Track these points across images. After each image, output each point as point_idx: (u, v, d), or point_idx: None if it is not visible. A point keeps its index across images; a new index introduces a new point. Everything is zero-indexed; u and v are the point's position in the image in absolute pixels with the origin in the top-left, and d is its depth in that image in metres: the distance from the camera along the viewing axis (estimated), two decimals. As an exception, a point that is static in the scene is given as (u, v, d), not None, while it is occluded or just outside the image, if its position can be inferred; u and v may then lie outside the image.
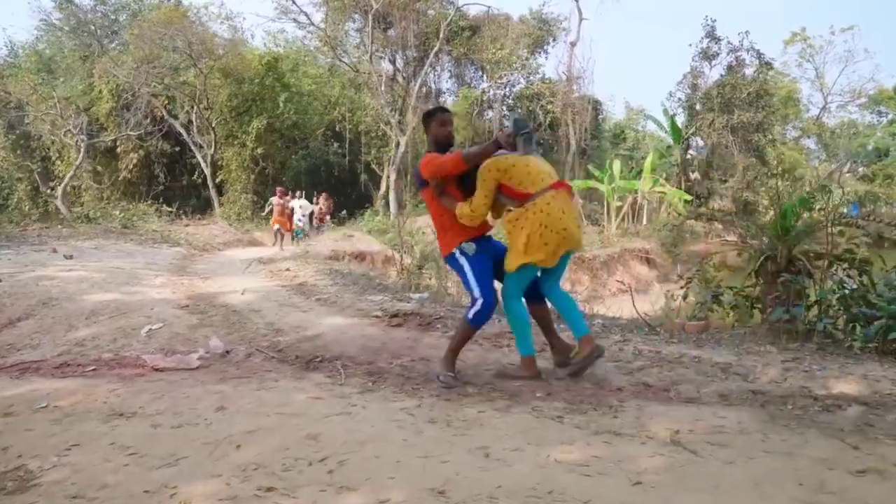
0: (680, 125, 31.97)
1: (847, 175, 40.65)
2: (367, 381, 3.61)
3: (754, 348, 4.26)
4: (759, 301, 5.71)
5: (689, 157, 33.66)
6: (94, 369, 4.06)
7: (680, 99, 33.52)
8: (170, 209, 18.16)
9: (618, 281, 21.85)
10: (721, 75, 29.49)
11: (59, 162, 25.36)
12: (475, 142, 28.62)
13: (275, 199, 15.61)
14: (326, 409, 3.11)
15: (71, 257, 8.18)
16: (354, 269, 9.52)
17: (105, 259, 8.38)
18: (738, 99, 27.58)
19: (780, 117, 33.59)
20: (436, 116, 3.79)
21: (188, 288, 6.69)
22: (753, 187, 27.90)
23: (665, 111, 32.99)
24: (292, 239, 15.17)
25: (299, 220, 15.90)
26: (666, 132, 33.45)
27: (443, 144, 3.71)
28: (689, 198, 28.19)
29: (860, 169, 43.99)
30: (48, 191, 23.02)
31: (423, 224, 19.21)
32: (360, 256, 14.66)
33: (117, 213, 14.90)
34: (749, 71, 28.83)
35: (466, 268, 3.57)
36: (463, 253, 3.57)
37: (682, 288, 6.30)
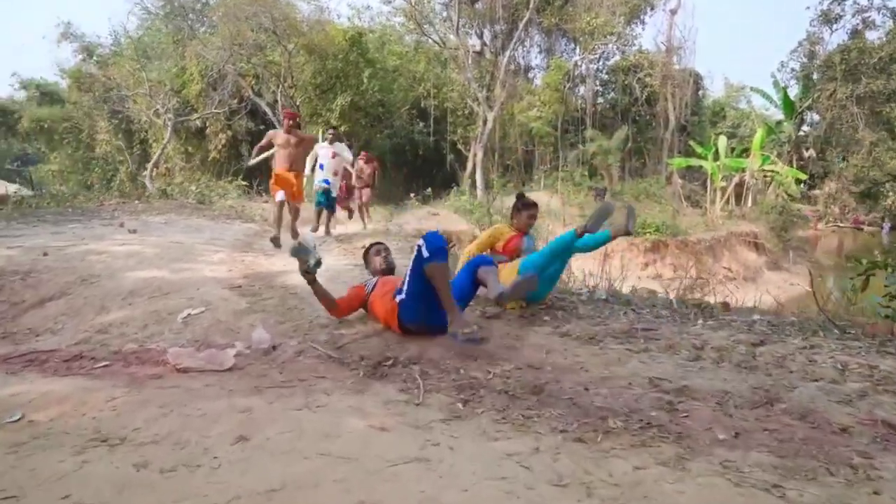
0: (792, 98, 29.09)
1: None
2: (455, 400, 2.51)
3: None
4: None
5: (802, 132, 30.71)
6: (105, 365, 3.17)
7: (793, 69, 30.61)
8: (248, 185, 17.78)
9: (724, 267, 19.90)
10: (843, 40, 26.44)
11: (154, 144, 25.77)
12: (565, 119, 27.01)
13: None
14: (393, 450, 2.04)
15: (134, 231, 7.54)
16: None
17: (169, 234, 7.69)
18: (865, 65, 24.61)
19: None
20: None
21: (247, 266, 5.80)
22: (881, 165, 24.89)
23: (776, 83, 30.18)
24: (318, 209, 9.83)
25: (324, 182, 9.15)
26: (776, 106, 30.64)
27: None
28: (803, 176, 25.55)
29: None
30: (144, 172, 23.44)
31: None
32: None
33: (193, 188, 14.49)
34: (875, 34, 25.66)
35: None
36: None
37: (859, 275, 4.82)
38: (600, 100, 29.37)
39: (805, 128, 30.95)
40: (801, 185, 26.48)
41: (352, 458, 1.99)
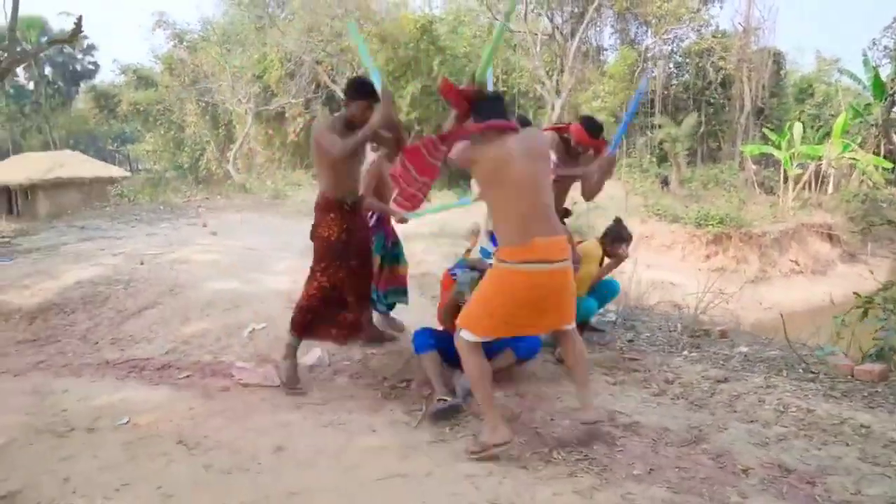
0: (884, 79, 27.60)
1: None
2: (445, 425, 3.21)
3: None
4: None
5: (893, 116, 29.12)
6: (187, 376, 4.05)
7: (887, 47, 28.94)
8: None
9: (791, 260, 19.57)
10: (944, 17, 24.84)
11: (238, 127, 27.39)
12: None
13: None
14: (385, 466, 2.77)
15: (215, 234, 8.57)
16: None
17: (245, 236, 8.67)
18: (963, 46, 23.11)
19: None
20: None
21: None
22: None
23: (866, 61, 28.59)
24: None
25: None
26: (864, 88, 29.12)
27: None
28: (889, 165, 24.41)
29: None
30: (228, 155, 25.16)
31: (576, 193, 18.35)
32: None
33: (269, 183, 15.57)
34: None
35: None
36: None
37: (859, 307, 5.14)
38: (673, 82, 28.83)
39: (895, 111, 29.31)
40: (890, 173, 25.27)
41: (352, 469, 2.73)
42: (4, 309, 5.78)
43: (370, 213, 4.32)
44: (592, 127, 4.08)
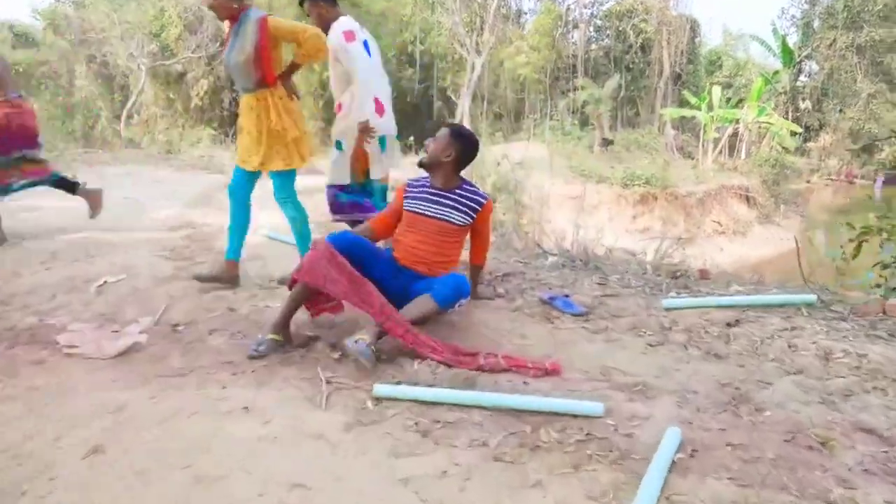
0: (791, 47, 28.21)
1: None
2: (365, 399, 2.13)
3: None
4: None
5: (799, 83, 29.93)
6: (-11, 345, 2.78)
7: (794, 16, 29.65)
8: (222, 133, 17.12)
9: (714, 221, 19.55)
10: (848, -14, 25.47)
11: (134, 91, 24.90)
12: (556, 66, 26.18)
13: None
14: (271, 473, 1.66)
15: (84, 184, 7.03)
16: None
17: (126, 188, 7.22)
18: (868, 13, 23.72)
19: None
20: None
21: (192, 225, 5.36)
22: (877, 118, 24.29)
23: (775, 31, 29.19)
24: None
25: None
26: (774, 55, 29.74)
27: None
28: (798, 130, 24.97)
29: None
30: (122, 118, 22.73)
31: (499, 154, 17.47)
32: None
33: (160, 136, 13.81)
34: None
35: None
36: None
37: (851, 240, 4.41)
38: (593, 46, 28.44)
39: (803, 78, 30.17)
40: (797, 138, 25.90)
41: (218, 482, 1.62)
42: None
43: None
44: None
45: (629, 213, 17.99)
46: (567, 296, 3.17)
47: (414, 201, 2.94)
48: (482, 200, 2.98)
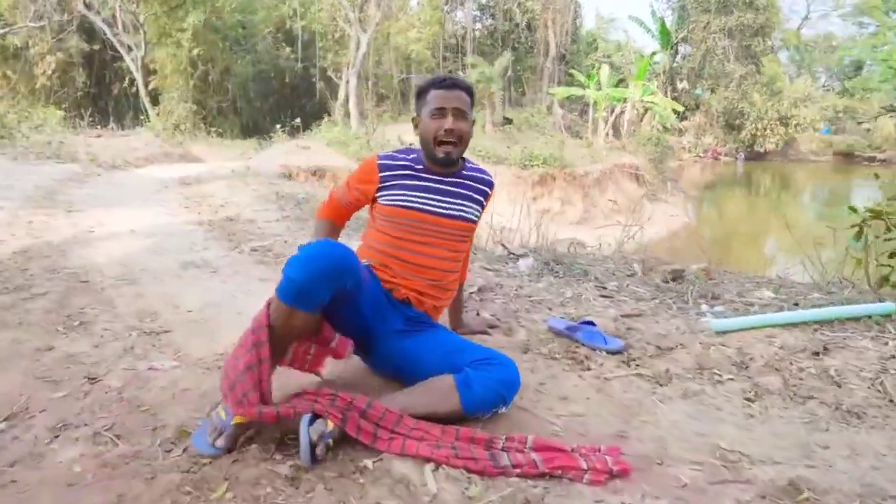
0: (669, 27, 29.14)
1: (823, 90, 38.65)
2: None
3: None
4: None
5: (676, 64, 31.04)
6: None
7: (670, 0, 30.62)
8: (76, 116, 14.91)
9: (610, 200, 19.62)
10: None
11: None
12: (446, 45, 25.43)
13: None
14: None
15: None
16: (313, 192, 6.88)
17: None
18: (738, -1, 24.77)
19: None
20: None
21: (34, 232, 4.00)
22: (751, 98, 25.54)
23: (653, 13, 30.05)
24: None
25: None
26: (654, 37, 30.64)
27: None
28: (680, 108, 25.80)
29: (836, 83, 42.16)
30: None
31: (394, 135, 16.44)
32: (318, 173, 11.91)
33: (-7, 118, 11.59)
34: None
35: None
36: None
37: (853, 226, 3.85)
38: (478, 25, 27.97)
39: (679, 59, 31.32)
40: (678, 117, 26.82)
41: None
42: None
43: None
44: None
45: (529, 194, 17.58)
46: (590, 322, 2.30)
47: (403, 192, 1.93)
48: (490, 180, 2.05)
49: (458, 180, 1.97)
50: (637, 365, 2.06)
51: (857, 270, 3.43)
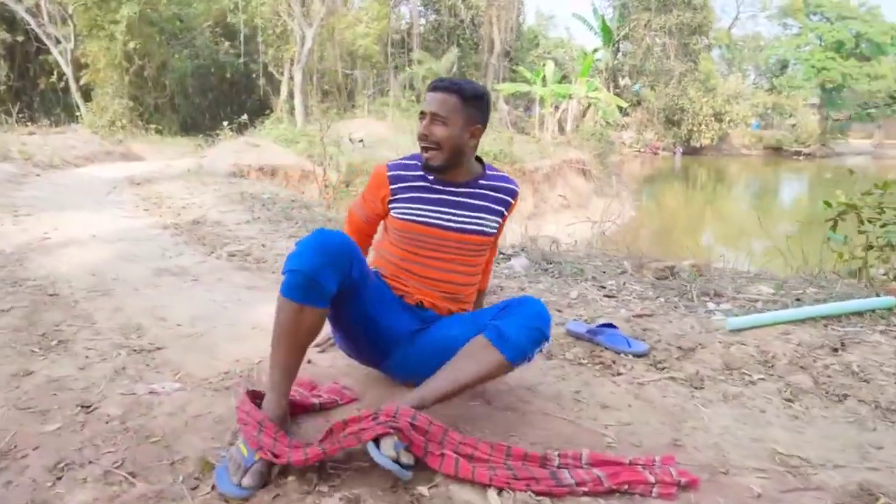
0: (609, 24, 29.69)
1: (753, 87, 40.32)
2: None
3: None
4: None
5: (617, 61, 31.67)
6: None
7: (611, -5, 31.22)
8: (1, 112, 14.07)
9: (560, 195, 19.86)
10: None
11: None
12: (392, 41, 25.19)
13: None
14: None
15: None
16: (276, 192, 6.65)
17: None
18: (677, -3, 25.43)
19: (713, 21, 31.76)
20: None
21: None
22: (689, 95, 26.30)
23: (595, 11, 30.57)
24: None
25: None
26: (596, 34, 31.18)
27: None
28: (623, 104, 26.36)
29: (764, 81, 44.09)
30: None
31: (345, 132, 16.16)
32: (270, 172, 11.56)
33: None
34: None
35: None
36: None
37: (828, 220, 3.95)
38: (422, 21, 27.83)
39: (620, 56, 31.97)
40: (622, 113, 27.39)
41: None
42: None
43: None
44: None
45: (480, 190, 17.66)
46: (611, 325, 2.25)
47: (416, 206, 1.82)
48: (514, 189, 1.95)
49: (474, 191, 1.85)
50: (665, 368, 2.02)
51: (839, 263, 3.51)
